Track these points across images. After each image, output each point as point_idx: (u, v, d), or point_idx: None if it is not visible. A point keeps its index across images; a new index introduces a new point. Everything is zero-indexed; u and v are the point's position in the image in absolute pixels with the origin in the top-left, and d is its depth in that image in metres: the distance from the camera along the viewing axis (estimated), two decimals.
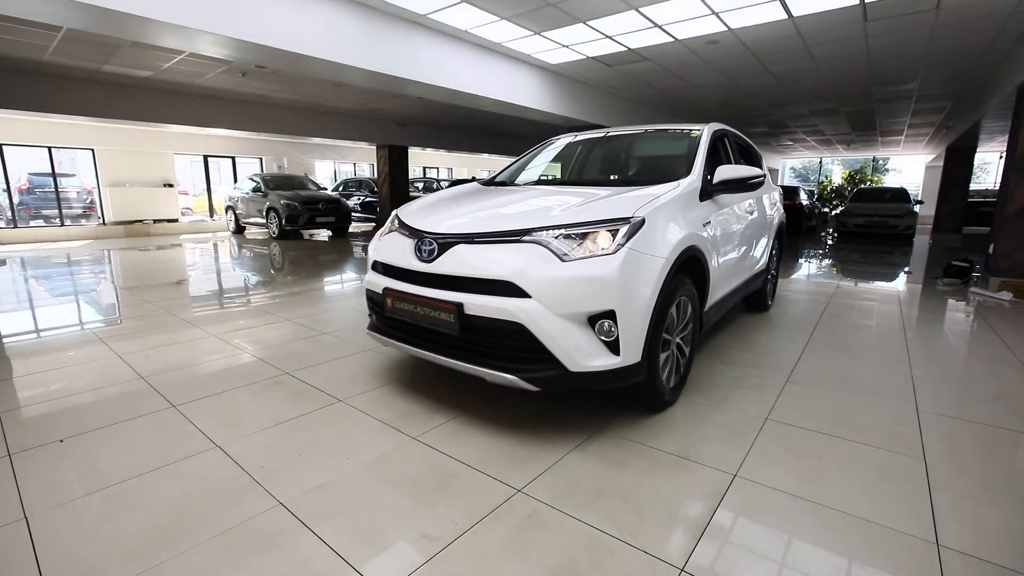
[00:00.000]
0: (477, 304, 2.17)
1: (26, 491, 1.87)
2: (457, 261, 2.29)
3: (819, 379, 3.05)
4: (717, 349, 3.57)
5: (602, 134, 3.91)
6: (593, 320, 2.11)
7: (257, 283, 6.26)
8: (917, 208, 12.46)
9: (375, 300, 2.72)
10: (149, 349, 3.51)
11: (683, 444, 2.24)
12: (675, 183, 2.75)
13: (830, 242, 12.08)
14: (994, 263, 6.06)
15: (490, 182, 3.61)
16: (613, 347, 2.13)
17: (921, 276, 7.00)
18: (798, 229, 12.66)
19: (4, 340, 3.76)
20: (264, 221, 11.66)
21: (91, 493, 1.86)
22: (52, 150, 12.15)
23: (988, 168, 24.95)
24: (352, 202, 14.77)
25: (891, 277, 7.04)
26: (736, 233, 3.39)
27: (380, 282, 2.62)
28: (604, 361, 2.12)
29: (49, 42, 6.39)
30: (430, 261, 2.36)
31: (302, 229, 11.62)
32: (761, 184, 3.41)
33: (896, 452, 2.19)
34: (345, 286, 6.09)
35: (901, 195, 12.96)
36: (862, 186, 18.11)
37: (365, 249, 9.70)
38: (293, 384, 2.90)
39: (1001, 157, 16.26)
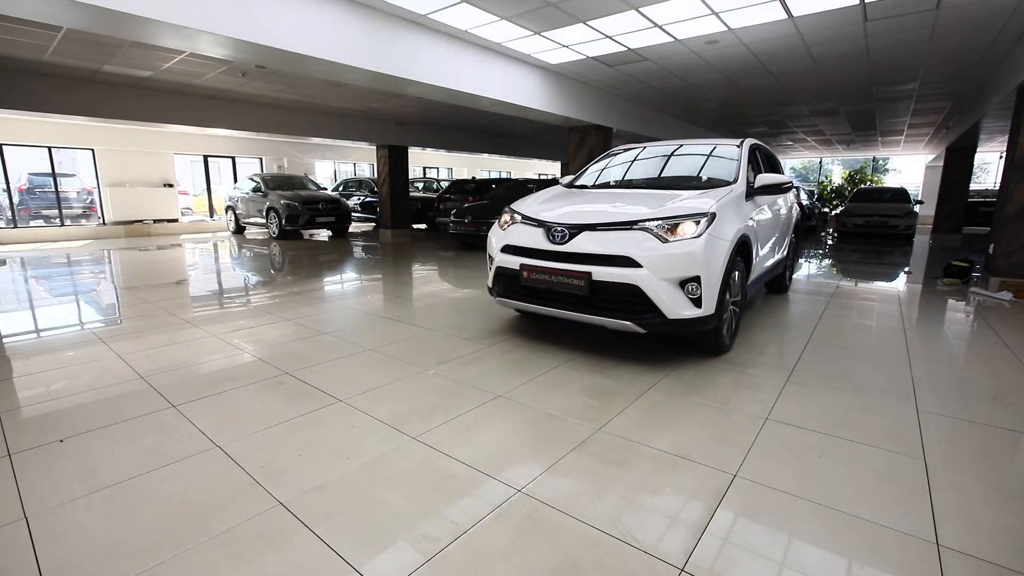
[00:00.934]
0: (603, 273, 3.03)
1: (26, 491, 1.87)
2: (586, 243, 3.13)
3: (819, 379, 3.05)
4: None
5: (658, 147, 4.64)
6: (683, 283, 2.96)
7: (257, 283, 6.26)
8: (917, 208, 12.45)
9: (508, 275, 3.49)
10: (149, 349, 3.51)
11: (683, 444, 2.24)
12: (728, 187, 3.52)
13: (830, 242, 12.08)
14: (994, 263, 6.05)
15: (571, 184, 4.40)
16: (697, 303, 2.98)
17: (921, 276, 7.00)
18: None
19: (4, 340, 3.76)
20: (264, 221, 11.66)
21: (91, 493, 1.86)
22: (52, 150, 12.14)
23: (988, 168, 24.93)
24: (352, 202, 14.77)
25: (891, 277, 7.04)
26: (768, 226, 4.19)
27: (515, 260, 3.41)
28: (691, 312, 2.97)
29: (49, 42, 6.39)
30: (562, 243, 3.20)
31: (302, 229, 11.63)
32: (790, 189, 4.02)
33: (896, 452, 2.20)
34: (345, 286, 6.09)
35: (901, 195, 12.96)
36: (862, 186, 18.05)
37: (365, 249, 9.73)
38: (293, 384, 2.90)
39: (1001, 157, 16.25)
